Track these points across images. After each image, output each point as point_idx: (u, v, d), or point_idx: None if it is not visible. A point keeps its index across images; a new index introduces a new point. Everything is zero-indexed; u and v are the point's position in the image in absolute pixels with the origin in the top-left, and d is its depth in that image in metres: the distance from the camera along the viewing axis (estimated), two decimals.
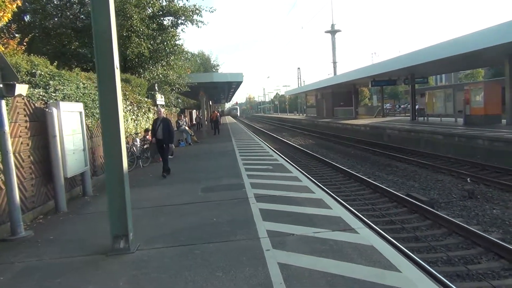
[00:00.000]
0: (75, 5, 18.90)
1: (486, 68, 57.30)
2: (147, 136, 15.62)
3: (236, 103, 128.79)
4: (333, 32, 75.33)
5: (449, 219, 8.69)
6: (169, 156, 16.67)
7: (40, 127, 8.06)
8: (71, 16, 18.51)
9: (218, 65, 71.21)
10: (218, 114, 35.29)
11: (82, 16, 18.61)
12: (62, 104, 8.38)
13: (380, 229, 8.20)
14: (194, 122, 38.36)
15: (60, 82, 9.35)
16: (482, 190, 11.88)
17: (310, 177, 13.07)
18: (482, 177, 13.23)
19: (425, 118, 31.94)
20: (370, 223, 8.45)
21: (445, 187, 12.63)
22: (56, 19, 18.30)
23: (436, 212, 9.38)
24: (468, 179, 13.28)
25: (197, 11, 20.26)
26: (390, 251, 4.90)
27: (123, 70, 18.46)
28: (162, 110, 12.21)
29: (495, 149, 16.19)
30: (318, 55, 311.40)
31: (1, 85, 6.12)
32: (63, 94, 9.38)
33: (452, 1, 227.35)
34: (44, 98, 8.56)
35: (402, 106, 64.14)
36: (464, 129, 20.73)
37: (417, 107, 34.84)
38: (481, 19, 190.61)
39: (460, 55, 21.40)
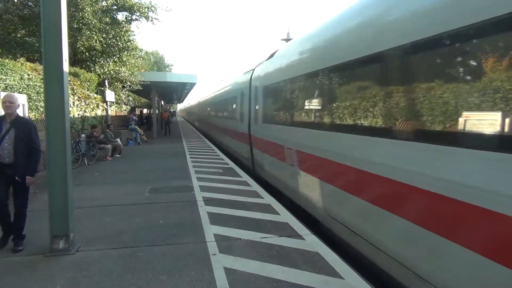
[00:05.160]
0: None
1: None
2: (94, 133, 15.11)
3: None
4: (288, 40, 76.40)
5: None
6: (117, 155, 16.26)
7: None
8: (18, 3, 17.57)
9: (172, 65, 70.56)
10: (170, 114, 34.88)
11: (30, 3, 17.71)
12: (3, 95, 7.91)
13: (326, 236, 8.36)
14: (144, 121, 37.48)
15: (2, 72, 8.84)
16: None
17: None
18: None
19: None
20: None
21: None
22: (1, 4, 17.31)
23: None
24: None
25: (153, 8, 19.95)
26: (334, 258, 5.00)
27: (72, 63, 17.78)
28: (17, 101, 5.71)
29: None
30: None
31: None
32: (5, 84, 8.88)
33: None
34: None
35: None
36: None
37: None
38: None
39: None
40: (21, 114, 8.61)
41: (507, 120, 3.09)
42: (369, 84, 5.16)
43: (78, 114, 15.09)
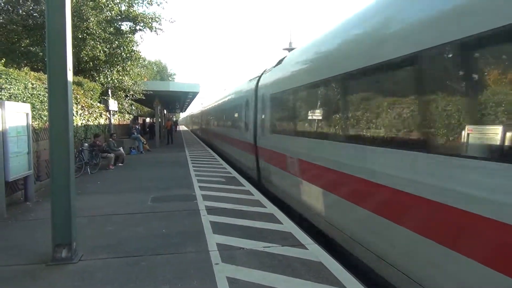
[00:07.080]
0: (28, 2, 18.13)
1: None
2: (97, 142, 15.15)
3: None
4: (290, 49, 76.81)
5: None
6: (119, 164, 16.29)
7: None
8: (23, 13, 17.73)
9: (174, 74, 71.07)
10: (172, 123, 35.00)
11: (35, 14, 17.87)
12: (8, 104, 7.96)
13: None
14: (147, 129, 37.54)
15: (7, 81, 8.91)
16: None
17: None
18: None
19: None
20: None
21: None
22: (6, 15, 17.48)
23: None
24: None
25: (157, 19, 20.09)
26: (337, 268, 4.97)
27: (76, 72, 17.88)
28: None
29: None
30: None
31: None
32: (9, 93, 8.94)
33: None
34: None
35: None
36: None
37: None
38: None
39: None
40: (24, 124, 8.67)
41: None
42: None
43: (81, 123, 15.13)
